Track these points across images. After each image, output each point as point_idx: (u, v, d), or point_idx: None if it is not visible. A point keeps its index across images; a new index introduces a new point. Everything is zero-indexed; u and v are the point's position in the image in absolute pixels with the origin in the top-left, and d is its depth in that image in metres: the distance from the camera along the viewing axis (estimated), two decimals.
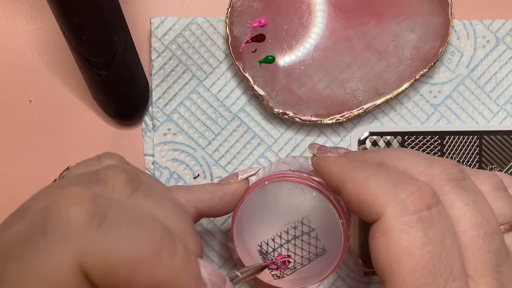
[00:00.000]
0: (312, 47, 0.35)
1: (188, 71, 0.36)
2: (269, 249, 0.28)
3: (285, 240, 0.28)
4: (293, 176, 0.28)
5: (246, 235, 0.28)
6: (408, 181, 0.22)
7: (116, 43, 0.33)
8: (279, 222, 0.28)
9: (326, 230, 0.27)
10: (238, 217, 0.28)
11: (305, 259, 0.28)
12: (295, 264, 0.28)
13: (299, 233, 0.28)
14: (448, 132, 0.36)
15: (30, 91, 0.36)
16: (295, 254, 0.28)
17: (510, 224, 0.23)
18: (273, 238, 0.28)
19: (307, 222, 0.27)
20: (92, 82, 0.34)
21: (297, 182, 0.27)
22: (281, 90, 0.35)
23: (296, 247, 0.28)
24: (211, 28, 0.36)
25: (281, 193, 0.28)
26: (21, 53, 0.37)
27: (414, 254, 0.20)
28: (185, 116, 0.36)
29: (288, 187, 0.27)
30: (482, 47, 0.37)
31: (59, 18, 0.31)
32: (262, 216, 0.28)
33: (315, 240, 0.28)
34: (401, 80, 0.35)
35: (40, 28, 0.37)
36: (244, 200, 0.28)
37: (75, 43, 0.32)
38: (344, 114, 0.35)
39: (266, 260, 0.28)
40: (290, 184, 0.27)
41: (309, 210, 0.27)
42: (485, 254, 0.21)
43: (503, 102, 0.37)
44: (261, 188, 0.28)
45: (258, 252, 0.28)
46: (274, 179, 0.28)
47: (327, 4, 0.35)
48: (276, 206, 0.28)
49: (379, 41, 0.35)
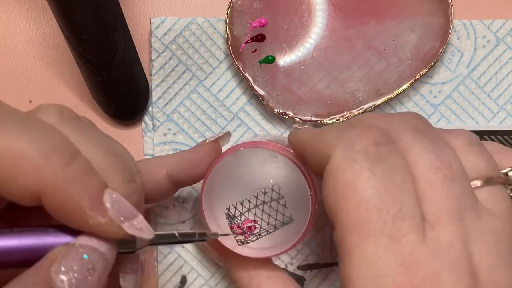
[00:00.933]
0: (312, 47, 0.35)
1: (188, 71, 0.36)
2: (237, 212, 0.28)
3: (253, 205, 0.28)
4: (269, 144, 0.28)
5: (216, 198, 0.28)
6: (359, 125, 0.21)
7: (116, 43, 0.33)
8: (249, 187, 0.28)
9: (295, 200, 0.27)
10: (209, 180, 0.28)
11: (271, 226, 0.28)
12: (261, 231, 0.28)
13: (268, 199, 0.28)
14: None
15: (30, 91, 0.36)
16: (261, 220, 0.28)
17: (484, 179, 0.22)
18: (241, 202, 0.28)
19: (277, 189, 0.28)
20: (92, 82, 0.34)
21: (272, 150, 0.27)
22: (281, 90, 0.35)
23: (264, 213, 0.28)
24: (211, 28, 0.36)
25: (255, 160, 0.28)
26: (21, 53, 0.37)
27: (358, 188, 0.19)
28: (185, 116, 0.36)
29: (263, 154, 0.27)
30: (482, 47, 0.37)
31: (59, 18, 0.31)
32: (234, 181, 0.28)
33: (283, 208, 0.28)
34: (401, 80, 0.35)
35: (40, 28, 0.37)
36: (218, 163, 0.28)
37: (75, 43, 0.32)
38: (344, 114, 0.35)
39: (232, 224, 0.28)
40: (265, 152, 0.27)
41: (280, 178, 0.28)
42: (444, 198, 0.20)
43: (503, 102, 0.37)
44: (235, 153, 0.28)
45: (226, 215, 0.28)
46: (250, 145, 0.28)
47: (327, 4, 0.35)
48: (249, 171, 0.28)
49: (379, 41, 0.35)
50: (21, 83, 0.36)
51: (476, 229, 0.20)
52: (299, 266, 0.35)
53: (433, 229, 0.19)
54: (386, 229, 0.19)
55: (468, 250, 0.19)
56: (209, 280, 0.35)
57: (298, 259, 0.36)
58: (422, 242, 0.19)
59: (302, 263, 0.36)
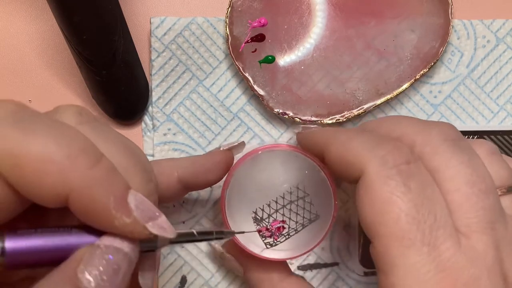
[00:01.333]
0: (312, 47, 0.35)
1: (188, 71, 0.36)
2: (264, 215, 0.28)
3: (281, 205, 0.28)
4: (283, 146, 0.29)
5: (238, 203, 0.28)
6: (388, 140, 0.23)
7: (116, 43, 0.33)
8: (274, 189, 0.28)
9: (318, 196, 0.28)
10: (230, 186, 0.28)
11: (299, 224, 0.28)
12: (289, 230, 0.28)
13: (294, 198, 0.28)
14: None
15: (30, 91, 0.36)
16: (290, 220, 0.28)
17: (506, 187, 0.23)
18: (268, 204, 0.28)
19: (302, 187, 0.28)
20: (92, 82, 0.34)
21: (291, 150, 0.28)
22: (281, 90, 0.35)
23: (292, 212, 0.28)
24: (211, 28, 0.36)
25: (276, 161, 0.28)
26: (21, 53, 0.37)
27: (396, 202, 0.21)
28: (185, 116, 0.36)
29: (282, 155, 0.28)
30: (482, 47, 0.37)
31: (59, 18, 0.31)
32: (256, 184, 0.28)
33: (310, 205, 0.28)
34: (401, 80, 0.35)
35: (40, 28, 0.37)
36: (237, 168, 0.28)
37: (75, 43, 0.32)
38: (344, 114, 0.35)
39: (261, 227, 0.28)
40: (284, 152, 0.28)
41: (303, 176, 0.28)
42: (479, 210, 0.21)
43: (503, 102, 0.37)
44: (254, 156, 0.28)
45: (253, 219, 0.28)
46: (267, 149, 0.28)
47: (327, 4, 0.35)
48: (270, 173, 0.28)
49: (379, 41, 0.35)
50: (20, 83, 0.36)
51: (505, 237, 0.22)
52: (299, 266, 0.35)
53: (468, 239, 0.21)
54: (425, 238, 0.20)
55: (500, 257, 0.21)
56: (209, 280, 0.35)
57: (298, 259, 0.36)
58: (459, 249, 0.20)
59: (302, 263, 0.36)
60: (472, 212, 0.21)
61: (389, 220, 0.21)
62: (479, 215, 0.21)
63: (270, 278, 0.29)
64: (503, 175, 0.23)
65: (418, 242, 0.20)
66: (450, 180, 0.22)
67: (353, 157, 0.23)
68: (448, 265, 0.20)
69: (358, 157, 0.22)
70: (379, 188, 0.21)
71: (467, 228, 0.21)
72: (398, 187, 0.21)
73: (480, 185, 0.22)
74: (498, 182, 0.23)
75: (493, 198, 0.22)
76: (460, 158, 0.22)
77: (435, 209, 0.21)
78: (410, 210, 0.21)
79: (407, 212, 0.20)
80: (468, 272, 0.20)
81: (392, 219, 0.21)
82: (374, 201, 0.21)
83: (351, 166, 0.23)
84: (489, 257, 0.21)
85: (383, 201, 0.21)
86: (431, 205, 0.21)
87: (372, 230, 0.21)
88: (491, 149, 0.24)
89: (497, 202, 0.22)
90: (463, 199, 0.22)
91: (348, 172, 0.23)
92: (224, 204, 0.28)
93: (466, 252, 0.20)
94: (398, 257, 0.20)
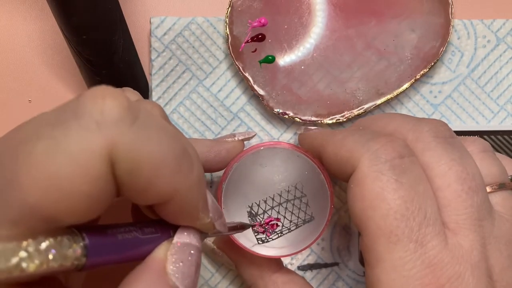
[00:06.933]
0: (312, 47, 0.35)
1: (188, 71, 0.36)
2: (260, 210, 0.28)
3: (277, 203, 0.28)
4: (286, 144, 0.29)
5: (236, 196, 0.28)
6: (381, 135, 0.23)
7: (116, 42, 0.33)
8: (272, 186, 0.28)
9: (316, 199, 0.28)
10: (229, 178, 0.28)
11: (293, 224, 0.28)
12: (282, 229, 0.29)
13: (291, 197, 0.28)
14: None
15: (30, 91, 0.36)
16: (284, 218, 0.28)
17: (497, 184, 0.23)
18: (265, 200, 0.28)
19: (300, 187, 0.28)
20: (92, 82, 0.34)
21: (293, 150, 0.28)
22: (281, 90, 0.35)
23: (287, 211, 0.29)
24: (211, 27, 0.35)
25: (277, 158, 0.28)
26: (21, 53, 0.37)
27: (387, 199, 0.21)
28: (185, 116, 0.36)
29: (284, 153, 0.28)
30: (482, 46, 0.37)
31: (59, 18, 0.31)
32: (255, 178, 0.29)
33: (306, 206, 0.28)
34: (402, 80, 0.35)
35: (40, 28, 0.37)
36: (238, 161, 0.28)
37: (75, 43, 0.32)
38: (345, 114, 0.35)
39: (254, 222, 0.28)
40: (286, 151, 0.28)
41: (303, 176, 0.28)
42: (467, 208, 0.22)
43: (504, 102, 0.37)
44: (256, 151, 0.28)
45: (248, 213, 0.28)
46: (270, 145, 0.28)
47: (327, 4, 0.35)
48: (269, 170, 0.28)
49: (379, 40, 0.35)
50: (20, 82, 0.36)
51: (491, 234, 0.22)
52: (299, 266, 0.35)
53: (455, 236, 0.21)
54: (413, 235, 0.20)
55: (486, 253, 0.21)
56: (209, 280, 0.35)
57: (298, 259, 0.36)
58: (445, 247, 0.21)
59: (302, 263, 0.36)
60: (461, 209, 0.22)
61: (378, 216, 0.21)
62: (467, 212, 0.21)
63: (261, 273, 0.29)
64: (494, 172, 0.24)
65: (405, 239, 0.20)
66: (441, 176, 0.22)
67: (346, 152, 0.23)
68: (434, 262, 0.20)
69: (352, 152, 0.23)
70: (371, 183, 0.21)
71: (455, 225, 0.21)
72: (389, 183, 0.21)
73: (470, 182, 0.22)
74: (489, 179, 0.23)
75: (482, 195, 0.22)
76: (451, 155, 0.22)
77: (426, 206, 0.21)
78: (399, 207, 0.21)
79: (396, 209, 0.21)
80: (452, 269, 0.20)
81: (381, 215, 0.21)
82: (365, 195, 0.21)
83: (345, 162, 0.23)
84: (475, 254, 0.21)
85: (373, 197, 0.21)
86: (422, 202, 0.21)
87: (361, 224, 0.22)
88: (483, 146, 0.25)
89: (486, 200, 0.22)
90: (453, 196, 0.22)
91: (342, 169, 0.23)
92: (220, 196, 0.28)
93: (452, 249, 0.21)
94: (384, 252, 0.21)
